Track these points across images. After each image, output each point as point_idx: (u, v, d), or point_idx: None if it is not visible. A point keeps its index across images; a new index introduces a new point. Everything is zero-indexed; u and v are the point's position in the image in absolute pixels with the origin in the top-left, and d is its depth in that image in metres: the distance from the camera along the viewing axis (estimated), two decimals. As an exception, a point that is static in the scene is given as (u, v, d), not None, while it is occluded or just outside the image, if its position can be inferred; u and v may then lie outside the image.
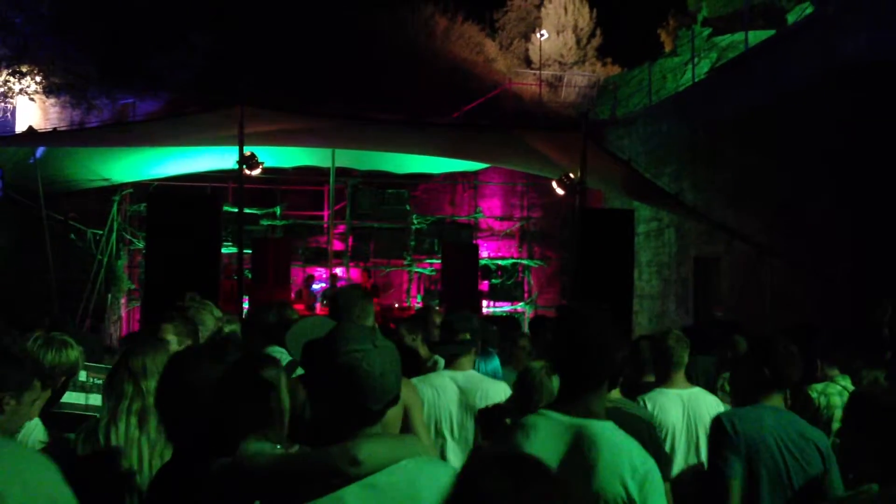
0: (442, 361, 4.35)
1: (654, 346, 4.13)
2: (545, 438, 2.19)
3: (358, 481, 1.74)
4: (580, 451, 2.14)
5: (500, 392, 3.86)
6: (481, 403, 3.80)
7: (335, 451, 1.76)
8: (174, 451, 2.33)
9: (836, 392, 4.33)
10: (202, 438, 2.09)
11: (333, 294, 3.63)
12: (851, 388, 4.29)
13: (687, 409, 3.87)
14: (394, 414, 3.11)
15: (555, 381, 3.23)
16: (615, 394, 3.58)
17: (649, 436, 3.01)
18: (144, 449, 2.84)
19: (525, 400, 3.30)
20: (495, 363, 4.68)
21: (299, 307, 12.27)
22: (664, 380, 4.01)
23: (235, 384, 2.22)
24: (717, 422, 3.07)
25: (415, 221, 16.89)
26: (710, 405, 3.92)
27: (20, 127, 15.73)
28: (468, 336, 3.98)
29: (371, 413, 1.83)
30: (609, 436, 2.17)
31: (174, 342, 3.57)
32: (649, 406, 3.86)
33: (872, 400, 2.49)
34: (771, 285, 11.17)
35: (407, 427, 3.22)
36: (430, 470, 1.83)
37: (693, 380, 4.22)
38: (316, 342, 1.92)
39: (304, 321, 3.21)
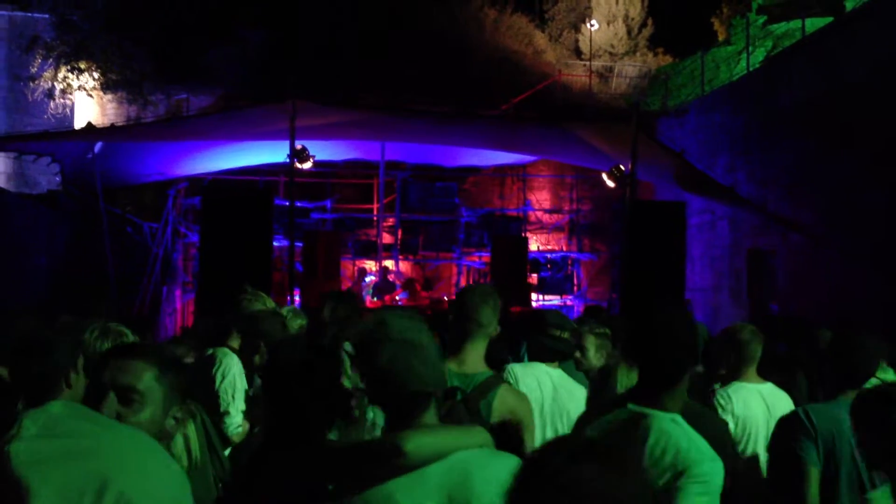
0: None
1: (728, 340, 3.99)
2: (606, 424, 2.23)
3: (407, 473, 1.73)
4: (633, 439, 2.15)
5: (582, 393, 3.68)
6: (569, 403, 3.63)
7: (382, 441, 1.76)
8: (267, 434, 2.34)
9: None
10: (298, 423, 2.12)
11: (460, 291, 3.37)
12: None
13: (767, 404, 3.75)
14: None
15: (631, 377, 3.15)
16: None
17: (724, 433, 2.95)
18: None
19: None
20: (569, 365, 4.55)
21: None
22: (738, 374, 3.86)
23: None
24: (792, 415, 2.98)
25: (464, 214, 16.89)
26: (786, 401, 3.79)
27: (79, 123, 16.13)
28: (567, 335, 3.80)
29: (416, 400, 1.83)
30: (663, 426, 2.15)
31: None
32: (733, 399, 3.73)
33: (881, 397, 2.40)
34: (828, 279, 10.93)
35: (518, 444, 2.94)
36: (487, 462, 1.80)
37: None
38: (364, 331, 1.94)
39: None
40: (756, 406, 3.74)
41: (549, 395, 3.66)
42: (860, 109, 10.26)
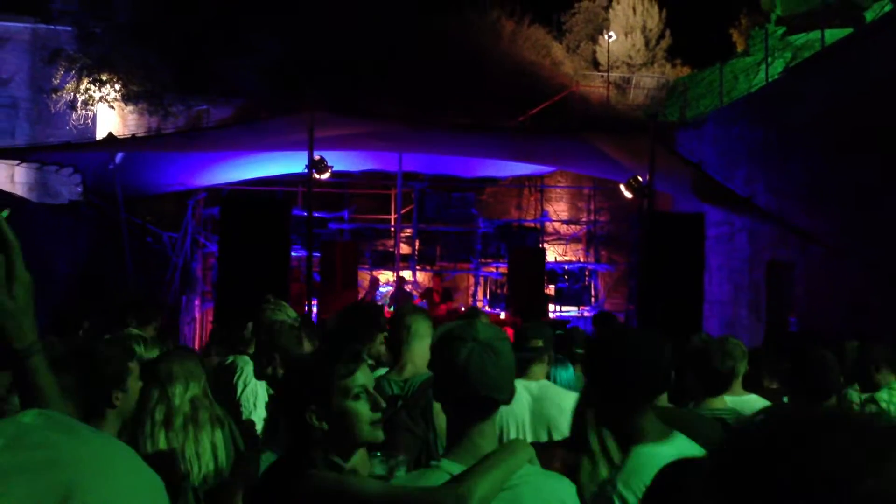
0: None
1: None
2: None
3: None
4: None
5: (571, 400, 3.75)
6: (555, 414, 3.66)
7: (445, 492, 1.74)
8: (287, 450, 2.27)
9: (884, 398, 4.23)
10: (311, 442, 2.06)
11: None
12: None
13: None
14: None
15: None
16: (662, 400, 3.48)
17: (720, 436, 2.94)
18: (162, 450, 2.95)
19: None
20: (570, 373, 4.56)
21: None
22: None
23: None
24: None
25: (481, 225, 16.91)
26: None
27: (100, 134, 16.31)
28: (541, 343, 3.87)
29: (473, 407, 1.85)
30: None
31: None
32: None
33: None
34: (847, 290, 10.84)
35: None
36: (539, 484, 1.82)
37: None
38: (448, 329, 1.96)
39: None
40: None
41: (527, 410, 3.71)
42: (879, 120, 10.20)
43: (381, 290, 15.64)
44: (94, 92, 16.77)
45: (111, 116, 17.16)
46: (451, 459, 1.83)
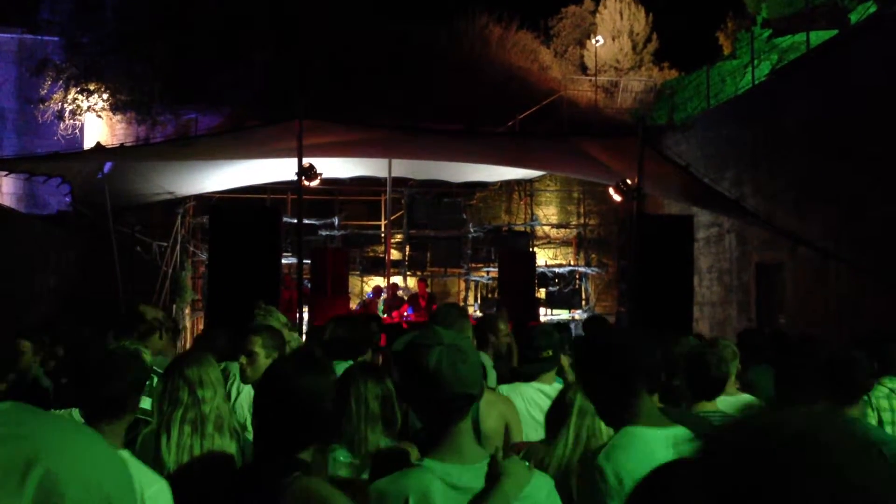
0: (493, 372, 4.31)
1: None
2: None
3: None
4: None
5: None
6: None
7: None
8: (257, 454, 2.31)
9: (882, 395, 4.28)
10: (286, 444, 2.11)
11: (433, 313, 3.83)
12: None
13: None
14: (494, 428, 3.16)
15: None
16: (654, 401, 3.52)
17: None
18: (196, 455, 2.92)
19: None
20: None
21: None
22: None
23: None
24: None
25: (471, 230, 16.92)
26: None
27: (88, 143, 16.26)
28: (550, 353, 3.93)
29: (450, 406, 1.88)
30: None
31: (262, 354, 3.63)
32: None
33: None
34: (836, 293, 10.89)
35: (506, 443, 3.22)
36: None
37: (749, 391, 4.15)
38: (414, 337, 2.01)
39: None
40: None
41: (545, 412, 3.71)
42: (867, 122, 10.27)
43: (369, 295, 15.64)
44: (82, 102, 16.73)
45: (99, 126, 17.11)
46: (434, 458, 1.87)
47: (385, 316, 13.93)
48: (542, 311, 16.19)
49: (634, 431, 2.16)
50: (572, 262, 17.98)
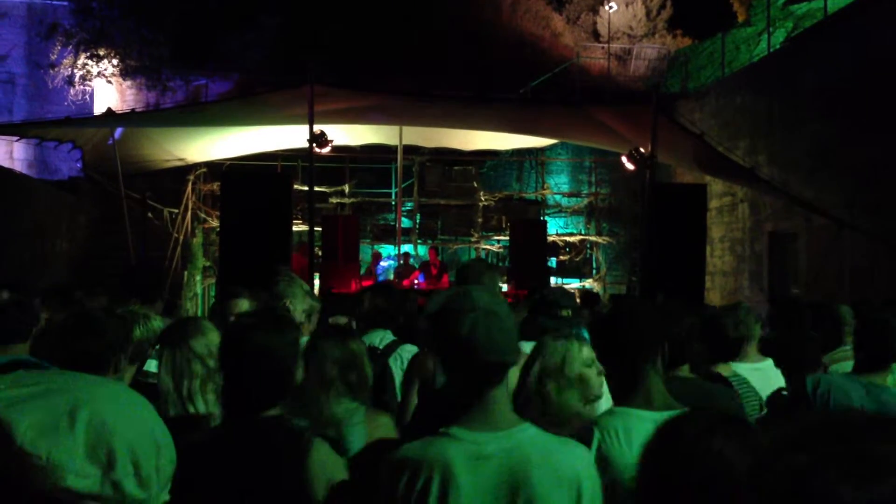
0: None
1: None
2: None
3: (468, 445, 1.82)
4: None
5: None
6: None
7: None
8: (225, 413, 2.32)
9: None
10: (256, 401, 2.12)
11: (460, 268, 3.75)
12: None
13: (768, 380, 3.75)
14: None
15: None
16: (685, 370, 3.48)
17: (738, 407, 2.95)
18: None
19: None
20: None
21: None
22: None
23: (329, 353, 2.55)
24: (797, 382, 2.99)
25: (482, 198, 16.86)
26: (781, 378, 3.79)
27: (98, 109, 16.22)
28: (569, 313, 3.80)
29: (484, 374, 1.84)
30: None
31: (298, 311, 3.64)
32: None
33: None
34: (851, 262, 10.82)
35: None
36: (550, 448, 1.86)
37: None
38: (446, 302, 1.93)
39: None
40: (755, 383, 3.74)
41: None
42: (883, 90, 10.13)
43: (382, 264, 15.64)
44: (92, 67, 16.66)
45: (109, 91, 17.05)
46: (462, 426, 1.81)
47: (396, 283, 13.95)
48: (552, 279, 16.16)
49: (624, 410, 2.22)
50: (584, 232, 17.92)
